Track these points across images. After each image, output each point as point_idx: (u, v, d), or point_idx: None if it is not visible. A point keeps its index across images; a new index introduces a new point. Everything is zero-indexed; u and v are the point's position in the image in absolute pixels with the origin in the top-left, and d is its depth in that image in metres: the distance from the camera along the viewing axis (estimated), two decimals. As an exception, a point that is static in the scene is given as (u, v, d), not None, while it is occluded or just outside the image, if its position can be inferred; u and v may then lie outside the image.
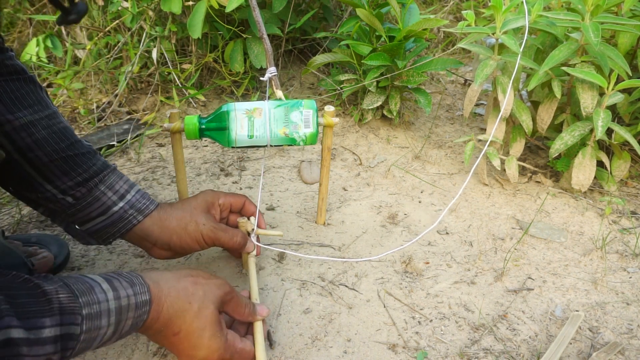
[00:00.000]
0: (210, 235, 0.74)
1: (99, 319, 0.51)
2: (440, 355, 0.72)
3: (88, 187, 0.69)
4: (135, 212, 0.72)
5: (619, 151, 1.05)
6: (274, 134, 0.78)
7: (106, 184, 0.71)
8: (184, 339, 0.59)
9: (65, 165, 0.68)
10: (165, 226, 0.73)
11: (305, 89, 1.48)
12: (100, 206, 0.70)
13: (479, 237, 0.95)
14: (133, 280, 0.56)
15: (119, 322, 0.53)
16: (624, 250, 0.93)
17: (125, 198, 0.72)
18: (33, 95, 0.68)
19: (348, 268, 0.86)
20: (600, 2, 0.89)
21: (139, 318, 0.55)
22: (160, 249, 0.75)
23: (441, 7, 1.87)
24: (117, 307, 0.53)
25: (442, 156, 1.21)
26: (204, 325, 0.59)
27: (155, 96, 1.38)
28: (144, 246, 0.75)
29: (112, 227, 0.71)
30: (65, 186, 0.68)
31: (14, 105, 0.65)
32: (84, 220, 0.71)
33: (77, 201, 0.69)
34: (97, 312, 0.51)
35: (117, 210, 0.71)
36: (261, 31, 0.79)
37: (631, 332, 0.76)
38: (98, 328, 0.51)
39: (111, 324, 0.52)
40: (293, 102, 0.79)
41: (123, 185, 0.72)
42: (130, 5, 1.25)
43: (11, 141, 0.65)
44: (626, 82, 0.92)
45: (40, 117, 0.67)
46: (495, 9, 0.95)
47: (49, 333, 0.46)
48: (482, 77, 0.99)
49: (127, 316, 0.54)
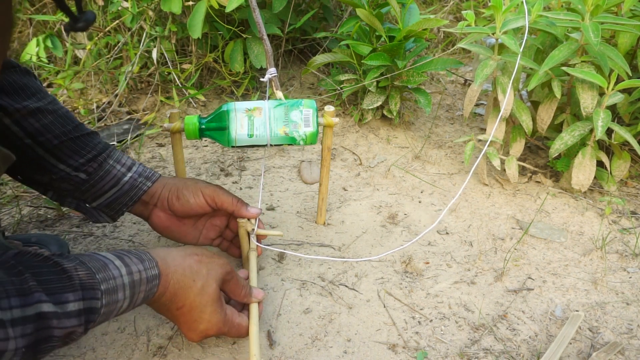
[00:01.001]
0: (211, 194, 0.76)
1: (115, 293, 0.55)
2: (440, 355, 0.72)
3: (98, 162, 0.74)
4: (144, 179, 0.76)
5: (619, 151, 1.05)
6: (274, 133, 0.78)
7: (114, 158, 0.76)
8: (186, 313, 0.63)
9: (75, 145, 0.73)
10: (166, 183, 0.77)
11: (305, 89, 1.48)
12: (111, 179, 0.75)
13: (479, 237, 0.95)
14: (142, 256, 0.60)
15: (133, 295, 0.57)
16: (624, 250, 0.93)
17: (132, 169, 0.76)
18: (33, 85, 0.72)
19: (348, 268, 0.86)
20: (600, 2, 0.89)
21: (150, 291, 0.59)
22: (160, 211, 0.77)
23: (441, 7, 1.87)
24: (131, 282, 0.57)
25: (442, 156, 1.21)
26: (205, 301, 0.63)
27: (155, 96, 1.38)
28: (146, 213, 0.78)
29: (125, 197, 0.76)
30: (77, 163, 0.73)
31: (19, 96, 0.69)
32: (96, 195, 0.75)
33: (90, 176, 0.73)
34: (113, 287, 0.55)
35: (127, 180, 0.75)
36: (261, 32, 0.79)
37: (631, 332, 0.76)
38: (115, 302, 0.55)
39: (126, 297, 0.56)
40: (293, 102, 0.79)
41: (128, 159, 0.77)
42: (130, 5, 1.25)
43: (22, 128, 0.69)
44: (626, 82, 0.92)
45: (44, 104, 0.71)
46: (495, 9, 0.95)
47: (73, 307, 0.50)
48: (482, 77, 0.99)
49: (140, 289, 0.58)
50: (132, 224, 0.95)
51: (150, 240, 0.91)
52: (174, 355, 0.70)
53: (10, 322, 0.44)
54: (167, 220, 0.78)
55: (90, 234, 0.92)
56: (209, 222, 0.82)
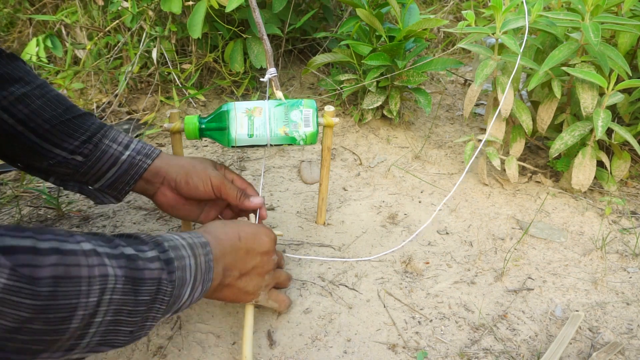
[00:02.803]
0: (217, 181, 0.75)
1: (179, 249, 0.57)
2: (440, 355, 0.72)
3: (94, 143, 0.72)
4: (143, 157, 0.75)
5: (619, 151, 1.05)
6: (273, 133, 0.78)
7: (109, 138, 0.74)
8: (249, 269, 0.66)
9: (67, 128, 0.71)
10: (174, 163, 0.76)
11: (305, 89, 1.48)
12: (109, 158, 0.73)
13: (479, 237, 0.95)
14: (180, 232, 0.62)
15: (195, 256, 0.58)
16: (624, 250, 0.93)
17: (130, 147, 0.74)
18: (19, 69, 0.70)
19: (348, 268, 0.86)
20: (600, 2, 0.89)
21: (207, 256, 0.60)
22: (167, 189, 0.76)
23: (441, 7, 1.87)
24: (187, 244, 0.58)
25: (442, 156, 1.21)
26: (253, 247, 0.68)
27: (155, 96, 1.38)
28: (151, 191, 0.77)
29: (125, 176, 0.74)
30: (72, 146, 0.71)
31: (5, 82, 0.68)
32: (97, 177, 0.74)
33: (87, 158, 0.72)
34: (174, 245, 0.57)
35: (125, 159, 0.74)
36: (261, 32, 0.79)
37: (631, 332, 0.76)
38: (182, 257, 0.56)
39: (190, 255, 0.57)
40: (293, 102, 0.79)
41: (125, 137, 0.75)
42: (130, 5, 1.25)
43: (11, 115, 0.68)
44: (626, 82, 0.92)
45: (32, 88, 0.70)
46: (495, 9, 0.95)
47: (150, 254, 0.53)
48: (482, 77, 0.99)
49: (198, 252, 0.59)
50: (132, 224, 0.95)
51: (150, 240, 0.91)
52: (174, 355, 0.70)
53: (105, 254, 0.47)
54: (173, 199, 0.77)
55: (90, 234, 0.92)
56: (211, 202, 0.82)
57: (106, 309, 0.47)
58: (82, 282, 0.44)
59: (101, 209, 0.99)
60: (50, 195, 0.99)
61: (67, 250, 0.44)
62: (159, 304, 0.53)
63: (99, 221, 0.95)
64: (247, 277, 0.67)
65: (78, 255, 0.45)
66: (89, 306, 0.45)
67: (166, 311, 0.55)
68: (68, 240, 0.45)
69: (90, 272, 0.45)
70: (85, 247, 0.46)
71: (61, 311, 0.43)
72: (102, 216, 0.97)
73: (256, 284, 0.68)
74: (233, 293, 0.66)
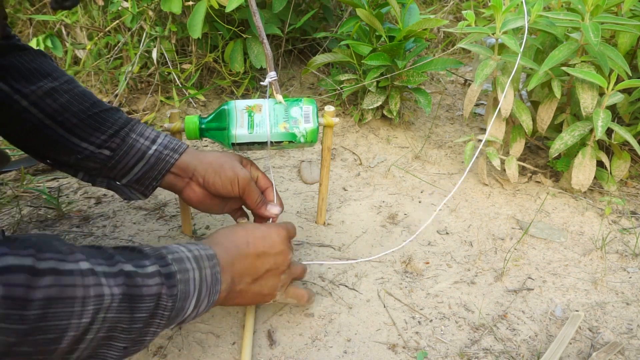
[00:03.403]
0: (244, 183, 0.75)
1: (183, 262, 0.57)
2: (440, 355, 0.72)
3: (121, 137, 0.72)
4: (170, 152, 0.74)
5: (619, 151, 1.05)
6: (273, 129, 0.78)
7: (136, 132, 0.74)
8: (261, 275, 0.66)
9: (94, 122, 0.71)
10: (202, 159, 0.75)
11: (305, 89, 1.49)
12: (136, 153, 0.73)
13: (479, 237, 0.95)
14: (193, 243, 0.62)
15: (200, 268, 0.58)
16: (624, 250, 0.93)
17: (157, 142, 0.74)
18: (47, 65, 0.71)
19: (348, 268, 0.86)
20: (600, 2, 0.89)
21: (214, 269, 0.60)
22: (195, 185, 0.75)
23: (441, 7, 1.87)
24: (193, 256, 0.58)
25: (442, 156, 1.22)
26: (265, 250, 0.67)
27: (155, 96, 1.38)
28: (179, 186, 0.76)
29: (153, 171, 0.74)
30: (100, 140, 0.71)
31: (33, 77, 0.69)
32: (124, 171, 0.74)
33: (114, 152, 0.72)
34: (179, 257, 0.57)
35: (152, 153, 0.73)
36: (261, 36, 0.79)
37: (631, 332, 0.76)
38: (186, 270, 0.56)
39: (194, 268, 0.57)
40: (293, 100, 0.80)
41: (152, 132, 0.75)
42: (130, 5, 1.25)
43: (40, 109, 0.69)
44: (626, 82, 0.92)
45: (60, 84, 0.71)
46: (495, 9, 0.95)
47: (151, 269, 0.53)
48: (481, 77, 0.99)
49: (204, 265, 0.59)
50: (132, 224, 0.95)
51: (150, 240, 0.91)
52: (174, 355, 0.70)
53: (103, 273, 0.48)
54: (201, 195, 0.76)
55: (91, 233, 0.92)
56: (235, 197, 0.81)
57: (99, 327, 0.47)
58: (75, 303, 0.44)
59: (101, 209, 0.99)
60: (50, 195, 0.99)
61: (65, 270, 0.45)
62: (158, 319, 0.53)
63: (99, 221, 0.95)
64: (262, 280, 0.66)
65: (75, 275, 0.45)
66: (81, 326, 0.45)
67: (167, 324, 0.55)
68: (67, 259, 0.46)
69: (85, 293, 0.45)
70: (83, 266, 0.46)
71: (50, 332, 0.43)
72: (102, 216, 0.97)
73: (272, 285, 0.68)
74: (249, 297, 0.66)
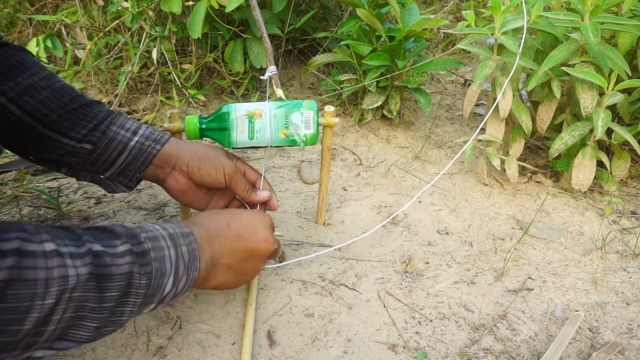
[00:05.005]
0: (230, 171, 0.75)
1: (157, 240, 0.57)
2: (440, 355, 0.72)
3: (101, 130, 0.72)
4: (152, 143, 0.74)
5: (619, 151, 1.05)
6: (274, 136, 0.78)
7: (117, 124, 0.73)
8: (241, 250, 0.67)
9: (74, 117, 0.71)
10: (186, 148, 0.75)
11: (305, 89, 1.49)
12: (117, 145, 0.73)
13: (479, 237, 0.95)
14: (167, 222, 0.62)
15: (176, 246, 0.58)
16: (624, 250, 0.93)
17: (138, 133, 0.74)
18: (27, 60, 0.70)
19: (348, 268, 0.86)
20: (600, 2, 0.89)
21: (190, 246, 0.60)
22: (179, 174, 0.75)
23: (441, 7, 1.87)
24: (168, 234, 0.58)
25: (442, 156, 1.22)
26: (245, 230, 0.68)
27: (155, 96, 1.38)
28: (162, 176, 0.76)
29: (135, 162, 0.73)
30: (80, 135, 0.71)
31: (11, 72, 0.68)
32: (107, 164, 0.73)
33: (95, 146, 0.72)
34: (153, 236, 0.57)
35: (134, 145, 0.73)
36: (261, 30, 0.79)
37: (631, 332, 0.76)
38: (161, 248, 0.56)
39: (169, 246, 0.57)
40: (294, 103, 0.79)
41: (133, 124, 0.74)
42: (130, 5, 1.25)
43: (19, 106, 0.68)
44: (626, 82, 0.92)
45: (38, 79, 0.70)
46: (494, 9, 0.95)
47: (122, 248, 0.52)
48: (481, 77, 0.99)
49: (179, 242, 0.59)
50: (132, 224, 0.95)
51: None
52: (174, 355, 0.70)
53: (69, 254, 0.47)
54: (185, 184, 0.76)
55: (90, 234, 0.92)
56: (221, 191, 0.81)
57: (65, 307, 0.47)
58: (38, 285, 0.44)
59: (101, 209, 0.99)
60: (50, 195, 0.99)
61: (28, 251, 0.44)
62: (133, 298, 0.53)
63: (99, 221, 0.95)
64: (242, 264, 0.67)
65: (37, 257, 0.45)
66: (44, 307, 0.45)
67: (145, 303, 0.55)
68: (32, 239, 0.45)
69: (47, 275, 0.45)
70: (47, 247, 0.46)
71: (11, 313, 0.43)
72: (102, 216, 0.97)
73: (253, 269, 0.68)
74: (229, 279, 0.67)
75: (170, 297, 0.58)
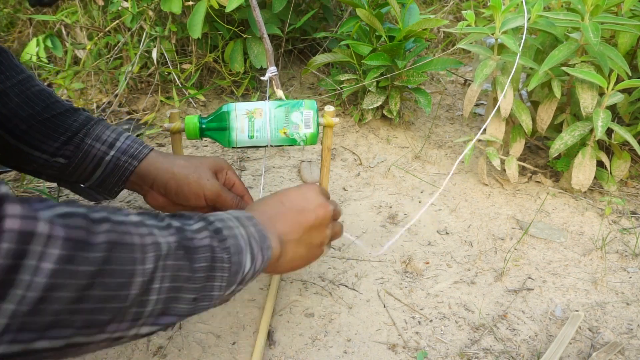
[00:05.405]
0: (213, 192, 0.71)
1: (225, 221, 0.54)
2: (440, 355, 0.72)
3: (74, 144, 0.68)
4: (128, 159, 0.70)
5: (619, 151, 1.05)
6: (274, 135, 0.78)
7: (92, 137, 0.69)
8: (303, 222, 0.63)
9: (45, 128, 0.66)
10: (164, 168, 0.71)
11: (305, 89, 1.49)
12: (92, 160, 0.69)
13: (479, 237, 0.95)
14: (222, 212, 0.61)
15: (244, 226, 0.56)
16: (624, 250, 0.93)
17: (114, 146, 0.69)
18: (3, 63, 0.66)
19: (348, 268, 0.86)
20: (600, 2, 0.89)
21: (257, 226, 0.57)
22: (157, 194, 0.72)
23: (441, 7, 1.87)
24: (234, 216, 0.56)
25: (442, 156, 1.22)
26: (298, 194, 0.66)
27: (155, 96, 1.38)
28: (141, 192, 0.73)
29: (112, 177, 0.70)
30: (53, 148, 0.67)
31: None
32: (84, 177, 0.70)
33: (69, 160, 0.68)
34: (221, 218, 0.55)
35: (110, 160, 0.69)
36: (261, 30, 0.79)
37: (631, 332, 0.76)
38: (231, 227, 0.54)
39: (238, 226, 0.55)
40: (294, 103, 0.79)
41: (111, 135, 0.70)
42: (130, 5, 1.25)
43: None
44: (626, 82, 0.92)
45: (12, 84, 0.65)
46: (495, 9, 0.95)
47: (197, 225, 0.51)
48: (481, 77, 0.99)
49: (246, 223, 0.56)
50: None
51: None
52: (174, 355, 0.70)
53: (154, 226, 0.47)
54: (164, 202, 0.73)
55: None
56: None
57: (162, 275, 0.45)
58: (135, 249, 0.43)
59: (101, 209, 0.99)
60: (51, 195, 0.99)
61: (118, 220, 0.44)
62: (219, 272, 0.51)
63: (99, 221, 0.95)
64: (307, 236, 0.63)
65: (128, 225, 0.44)
66: (145, 273, 0.44)
67: (230, 281, 0.53)
68: (117, 213, 0.45)
69: (142, 240, 0.44)
70: (133, 219, 0.46)
71: (119, 276, 0.42)
72: (102, 216, 0.97)
73: (320, 239, 0.65)
74: (301, 254, 0.63)
75: (250, 275, 0.56)
